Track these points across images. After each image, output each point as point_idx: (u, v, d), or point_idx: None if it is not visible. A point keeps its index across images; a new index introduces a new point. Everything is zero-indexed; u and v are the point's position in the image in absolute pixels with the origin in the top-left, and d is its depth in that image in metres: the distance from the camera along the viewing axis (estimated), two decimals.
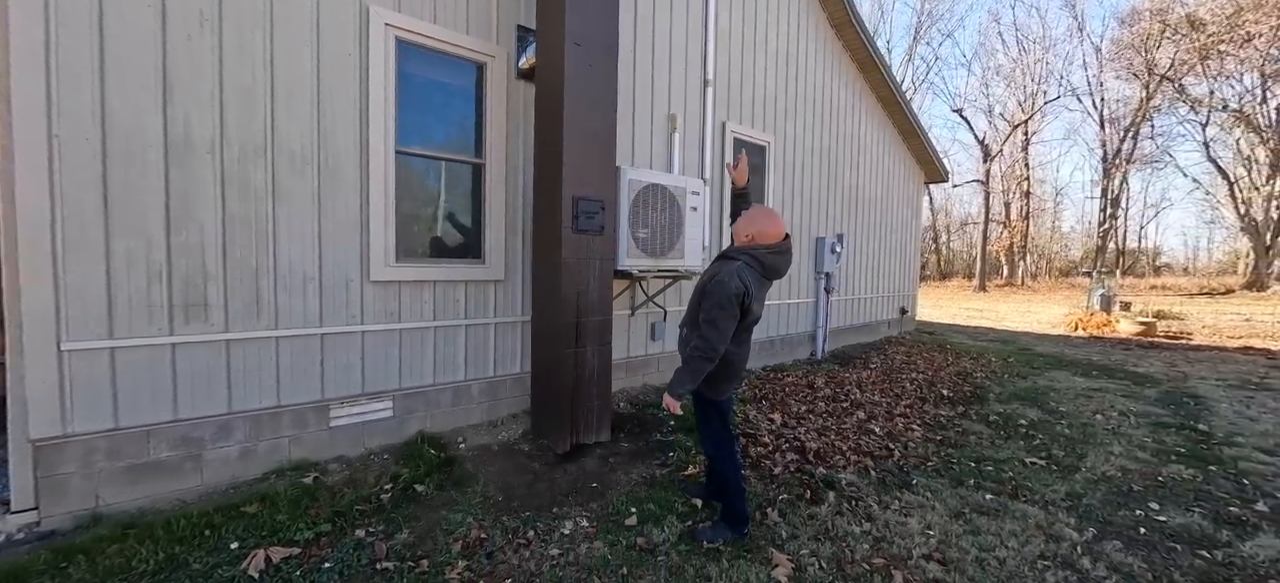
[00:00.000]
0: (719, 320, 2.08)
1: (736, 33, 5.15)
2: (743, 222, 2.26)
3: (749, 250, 2.18)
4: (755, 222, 2.22)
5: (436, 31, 3.19)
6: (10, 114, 2.12)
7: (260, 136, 2.64)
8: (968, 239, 35.54)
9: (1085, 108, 28.12)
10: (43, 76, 2.16)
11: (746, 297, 2.09)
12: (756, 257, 2.16)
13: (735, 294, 2.07)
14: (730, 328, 2.11)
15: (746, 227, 2.23)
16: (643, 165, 4.27)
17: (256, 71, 2.62)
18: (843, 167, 6.84)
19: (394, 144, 3.04)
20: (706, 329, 2.10)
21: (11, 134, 2.13)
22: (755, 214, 2.25)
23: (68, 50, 2.20)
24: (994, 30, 30.27)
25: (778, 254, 2.20)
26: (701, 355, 2.11)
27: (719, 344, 2.09)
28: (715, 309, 2.09)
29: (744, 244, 2.22)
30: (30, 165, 2.15)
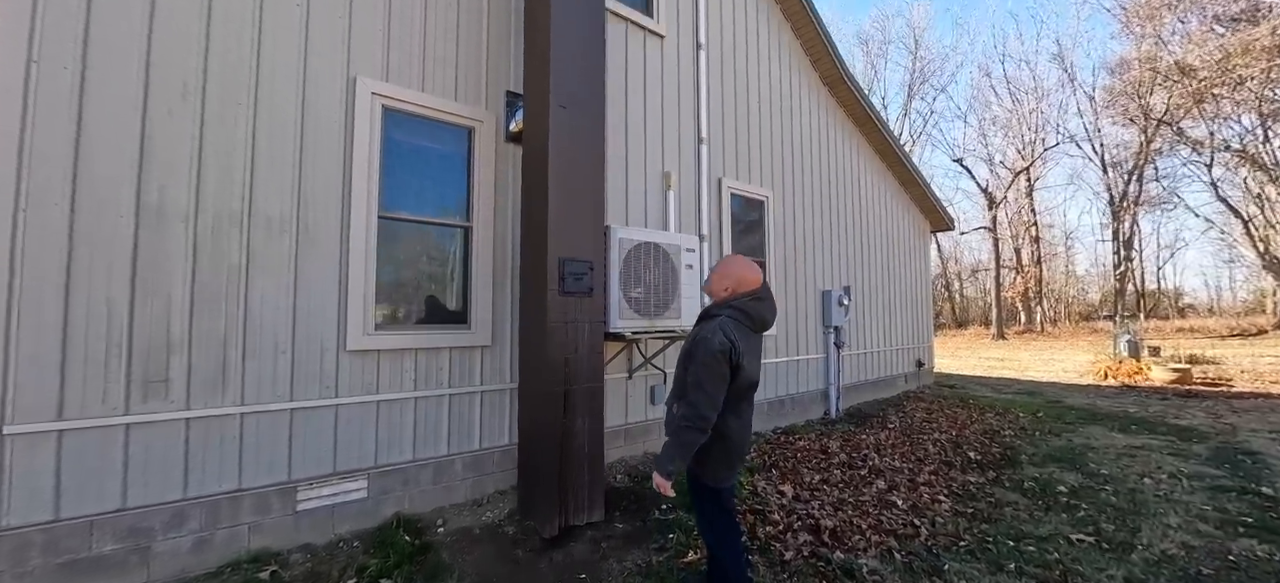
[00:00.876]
0: (706, 382, 1.84)
1: (728, 91, 5.22)
2: (716, 276, 2.08)
3: (731, 302, 1.99)
4: (730, 271, 2.05)
5: (425, 99, 3.20)
6: None
7: (237, 203, 2.59)
8: (980, 285, 35.05)
9: (1085, 153, 28.35)
10: (16, 144, 2.13)
11: (735, 352, 1.86)
12: (740, 307, 1.96)
13: (721, 351, 1.84)
14: (721, 391, 1.86)
15: (721, 280, 2.05)
16: (638, 223, 4.19)
17: (237, 141, 2.60)
18: (845, 218, 6.75)
19: (377, 209, 2.98)
20: (694, 393, 1.86)
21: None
22: (729, 264, 2.08)
23: (45, 121, 2.19)
24: (986, 84, 31.07)
25: (761, 301, 2.01)
26: (690, 425, 1.85)
27: (708, 410, 1.84)
28: (701, 370, 1.85)
29: (724, 297, 2.03)
30: None
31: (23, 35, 2.18)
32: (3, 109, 2.13)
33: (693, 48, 4.85)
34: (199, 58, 2.53)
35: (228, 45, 2.60)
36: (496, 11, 3.59)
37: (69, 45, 2.25)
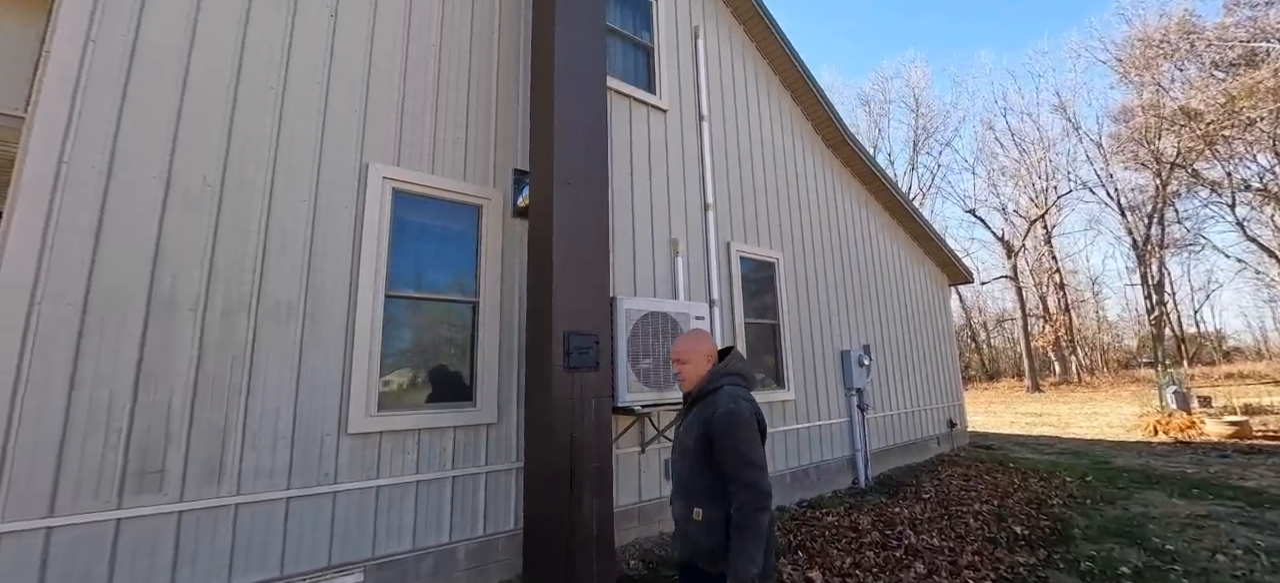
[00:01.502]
0: (754, 454, 1.66)
1: (732, 158, 5.33)
2: (694, 354, 1.91)
3: (725, 371, 1.86)
4: (701, 340, 1.95)
5: (435, 180, 3.31)
6: None
7: (247, 290, 2.62)
8: (1008, 335, 33.91)
9: (1100, 198, 28.12)
10: (39, 238, 2.21)
11: (760, 416, 1.76)
12: (737, 372, 1.86)
13: (753, 415, 1.72)
14: (764, 456, 1.72)
15: (700, 353, 1.91)
16: (646, 292, 4.16)
17: (251, 229, 2.68)
18: (859, 276, 6.66)
19: (384, 288, 3.00)
20: (748, 472, 1.62)
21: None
22: (698, 337, 1.97)
23: (69, 216, 2.28)
24: (990, 136, 31.51)
25: (742, 359, 1.95)
26: (759, 507, 1.59)
27: (765, 481, 1.64)
28: (746, 446, 1.65)
29: (713, 369, 1.89)
30: (7, 322, 2.11)
31: (58, 135, 2.31)
32: (31, 205, 2.23)
33: (696, 119, 5.01)
34: (221, 150, 2.66)
35: (249, 137, 2.74)
36: (505, 94, 3.77)
37: (100, 144, 2.38)
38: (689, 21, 5.29)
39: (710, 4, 5.62)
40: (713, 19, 5.59)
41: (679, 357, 1.93)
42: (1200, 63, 21.01)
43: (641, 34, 4.82)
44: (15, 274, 2.15)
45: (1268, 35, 17.96)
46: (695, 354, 1.90)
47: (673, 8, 5.16)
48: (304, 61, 2.97)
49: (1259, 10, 18.64)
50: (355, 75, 3.14)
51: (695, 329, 2.05)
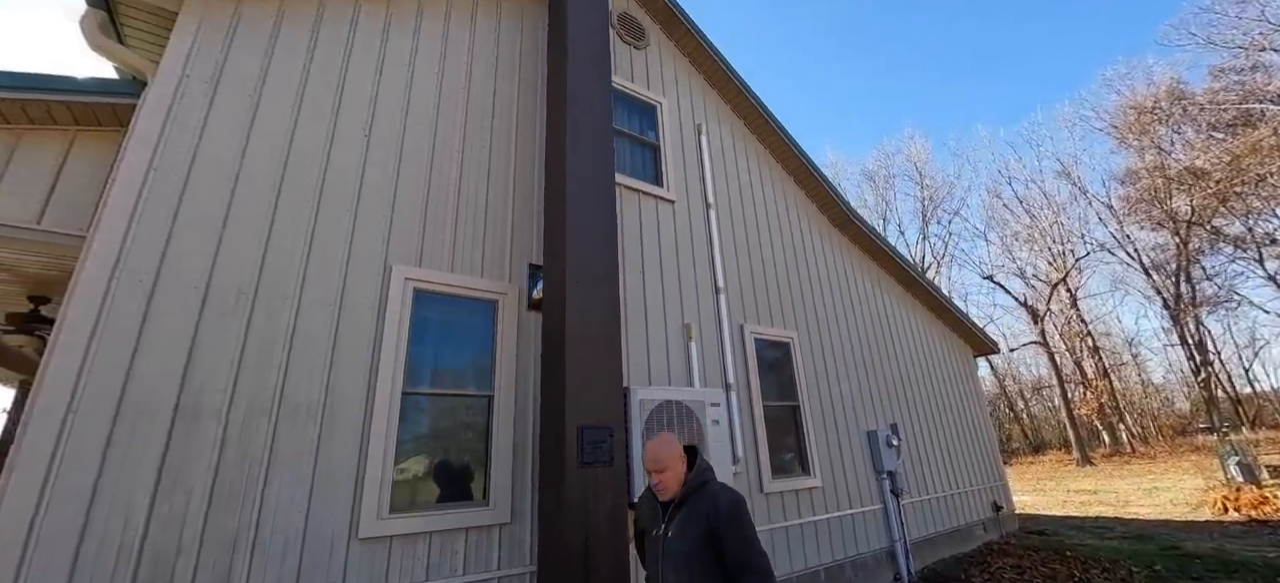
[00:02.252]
0: (758, 541, 1.78)
1: (741, 243, 5.48)
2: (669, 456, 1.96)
3: (705, 467, 1.99)
4: (673, 444, 2.01)
5: (453, 279, 3.46)
6: (39, 392, 2.24)
7: (269, 394, 2.69)
8: (1047, 402, 32.16)
9: (1121, 259, 27.72)
10: (83, 350, 2.33)
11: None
12: (710, 466, 2.03)
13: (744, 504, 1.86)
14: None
15: (674, 453, 1.97)
16: (660, 379, 4.14)
17: (278, 335, 2.80)
18: (878, 353, 6.54)
19: (402, 387, 3.05)
20: (760, 559, 1.72)
21: (33, 410, 2.22)
22: (666, 442, 2.01)
23: (112, 329, 2.41)
24: (998, 203, 31.89)
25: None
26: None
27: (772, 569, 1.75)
28: (752, 531, 1.79)
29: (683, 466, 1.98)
30: (39, 441, 2.18)
31: (114, 250, 2.51)
32: (82, 313, 2.38)
33: (703, 208, 5.24)
34: (257, 261, 2.85)
35: (283, 248, 2.93)
36: (521, 192, 4.02)
37: (150, 258, 2.58)
38: (692, 120, 5.68)
39: (711, 103, 6.06)
40: (714, 116, 6.00)
41: (657, 465, 1.94)
42: (1196, 125, 21.46)
43: (648, 134, 5.18)
44: (55, 388, 2.26)
45: (1259, 97, 18.42)
46: (672, 459, 1.94)
47: (676, 109, 5.57)
48: (338, 176, 3.25)
49: (1244, 75, 19.27)
50: (385, 184, 3.41)
51: (663, 436, 2.05)
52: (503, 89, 4.29)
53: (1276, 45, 17.79)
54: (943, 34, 49.70)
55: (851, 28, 53.60)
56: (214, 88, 3.02)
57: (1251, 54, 18.67)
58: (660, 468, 1.92)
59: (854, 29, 53.57)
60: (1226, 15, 19.38)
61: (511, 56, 4.49)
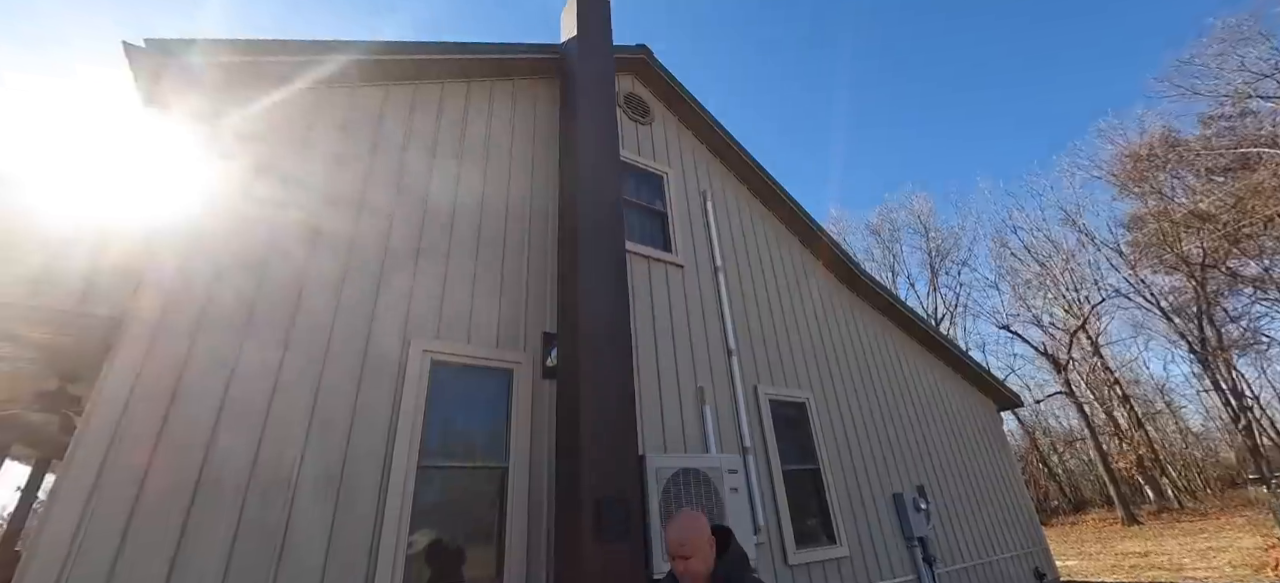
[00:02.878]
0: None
1: (751, 304, 5.53)
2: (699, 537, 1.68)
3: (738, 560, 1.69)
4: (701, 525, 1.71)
5: (470, 349, 3.52)
6: (68, 469, 2.27)
7: (289, 469, 2.70)
8: (1082, 457, 30.57)
9: (1139, 304, 27.24)
10: (110, 433, 2.38)
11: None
12: (748, 562, 1.74)
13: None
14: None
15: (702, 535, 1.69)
16: (676, 444, 4.07)
17: (302, 410, 2.84)
18: (897, 411, 6.38)
19: (417, 459, 3.04)
20: None
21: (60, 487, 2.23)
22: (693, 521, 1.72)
23: (142, 403, 2.47)
24: (1006, 252, 31.89)
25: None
26: None
27: None
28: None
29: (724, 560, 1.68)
30: (64, 513, 2.18)
31: (145, 337, 2.62)
32: (114, 389, 2.45)
33: (711, 271, 5.34)
34: (283, 340, 2.94)
35: (308, 327, 3.04)
36: (535, 266, 4.15)
37: (183, 337, 2.68)
38: (697, 187, 5.92)
39: (715, 171, 6.33)
40: (718, 183, 6.24)
41: (682, 549, 1.65)
42: (1194, 170, 21.73)
43: (655, 203, 5.39)
44: (83, 464, 2.29)
45: (1253, 142, 18.75)
46: (700, 542, 1.66)
47: (682, 177, 5.82)
48: (363, 256, 3.41)
49: (1234, 122, 19.73)
50: (406, 262, 3.56)
51: (688, 515, 1.73)
52: (518, 165, 4.55)
53: (1261, 92, 18.32)
54: (934, 98, 51.92)
55: (843, 91, 56.22)
56: (254, 176, 3.25)
57: (1238, 102, 19.20)
58: (685, 554, 1.64)
59: (847, 92, 56.20)
60: (1207, 66, 20.12)
61: (526, 135, 4.78)
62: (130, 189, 3.29)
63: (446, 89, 4.51)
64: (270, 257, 3.11)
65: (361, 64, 3.95)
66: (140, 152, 3.43)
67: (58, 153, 3.39)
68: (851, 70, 54.31)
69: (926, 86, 50.33)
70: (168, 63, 3.20)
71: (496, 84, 4.88)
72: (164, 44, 3.19)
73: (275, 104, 3.57)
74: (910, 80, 51.19)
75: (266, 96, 3.55)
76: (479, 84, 4.75)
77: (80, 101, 53.25)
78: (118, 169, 3.28)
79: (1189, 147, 21.90)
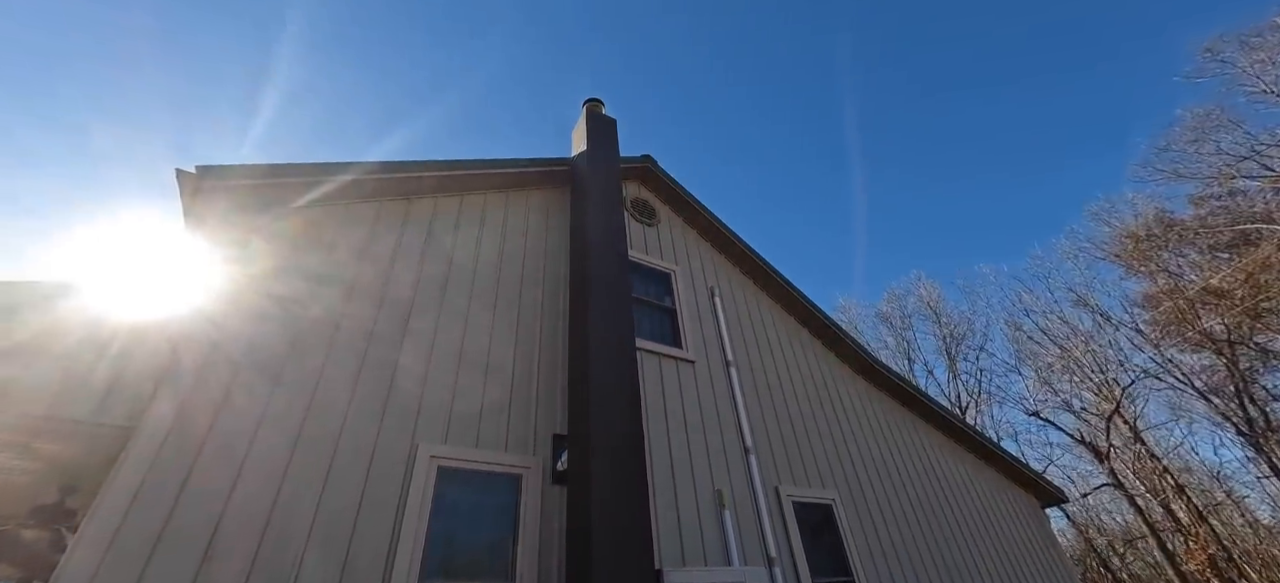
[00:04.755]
0: None
1: (765, 399, 5.40)
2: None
3: None
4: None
5: (478, 454, 3.42)
6: None
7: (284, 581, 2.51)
8: (1147, 558, 27.54)
9: (1170, 384, 26.05)
10: (101, 555, 2.25)
11: None
12: None
13: None
14: None
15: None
16: (694, 556, 3.76)
17: (303, 519, 2.72)
18: (932, 511, 5.93)
19: (418, 575, 2.83)
20: None
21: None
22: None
23: (136, 524, 2.36)
24: (1022, 336, 31.27)
25: None
26: None
27: None
28: None
29: None
30: None
31: (153, 450, 2.57)
32: (112, 508, 2.35)
33: (723, 366, 5.28)
34: (290, 447, 2.88)
35: (314, 438, 2.99)
36: (545, 368, 4.14)
37: (182, 462, 2.63)
38: (705, 283, 6.04)
39: (721, 268, 6.50)
40: (725, 278, 6.38)
41: None
42: (1197, 247, 21.88)
43: (664, 300, 5.49)
44: None
45: (1249, 219, 19.06)
46: None
47: (689, 275, 5.97)
48: (375, 362, 3.44)
49: (1224, 201, 20.22)
50: (417, 367, 3.57)
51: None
52: (530, 270, 4.72)
53: (1244, 172, 18.96)
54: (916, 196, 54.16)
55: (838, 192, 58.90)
56: (270, 286, 3.39)
57: (1224, 183, 19.82)
58: None
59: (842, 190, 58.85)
60: (1186, 152, 21.05)
61: (539, 240, 5.01)
62: (158, 300, 3.43)
63: (465, 200, 4.82)
64: (289, 357, 3.15)
65: (383, 181, 4.26)
66: (173, 265, 3.63)
67: (94, 267, 3.59)
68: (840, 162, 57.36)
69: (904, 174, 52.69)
70: (206, 184, 3.48)
71: (512, 194, 5.21)
72: (208, 169, 3.48)
73: (298, 221, 3.82)
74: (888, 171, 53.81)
75: (291, 215, 3.81)
76: (495, 194, 5.08)
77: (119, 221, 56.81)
78: (149, 281, 3.46)
79: (1186, 226, 22.25)
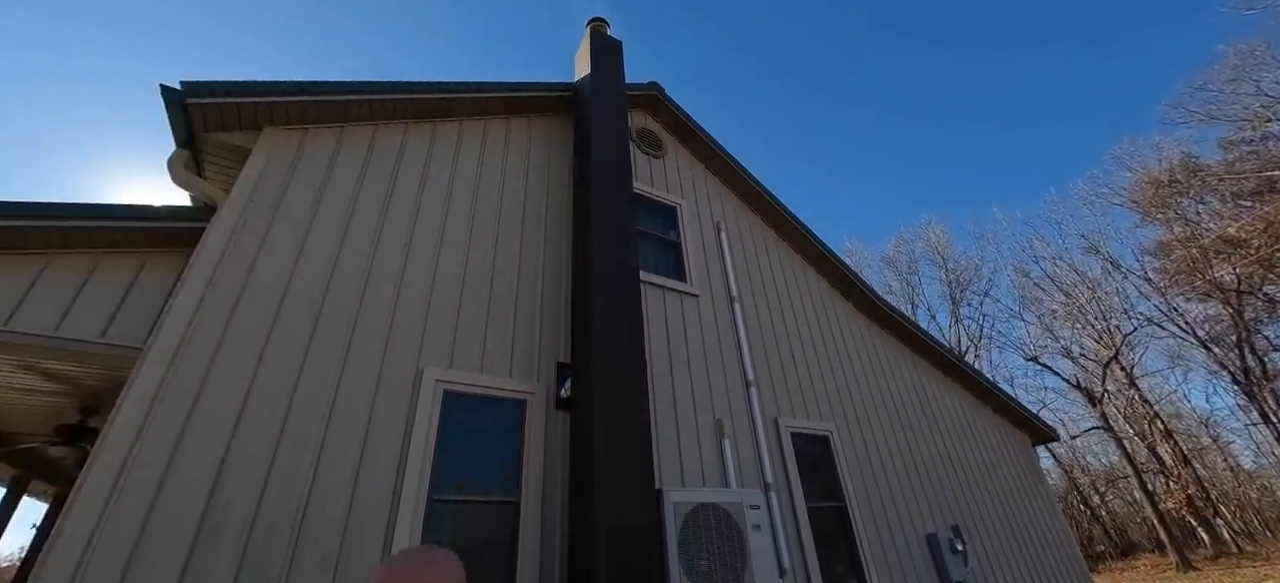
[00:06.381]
0: None
1: (768, 334, 5.41)
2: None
3: None
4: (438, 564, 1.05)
5: (483, 379, 3.46)
6: (71, 509, 2.22)
7: (294, 507, 2.61)
8: (1126, 496, 28.79)
9: (1173, 333, 26.12)
10: (117, 472, 2.34)
11: None
12: None
13: None
14: None
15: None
16: (695, 480, 3.90)
17: (310, 447, 2.78)
18: (927, 446, 6.09)
19: (427, 493, 2.94)
20: None
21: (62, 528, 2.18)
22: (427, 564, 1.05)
23: (154, 436, 2.44)
24: (1028, 283, 31.09)
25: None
26: None
27: None
28: None
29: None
30: (64, 557, 2.12)
31: (163, 365, 2.61)
32: (126, 425, 2.42)
33: (727, 301, 5.26)
34: (294, 374, 2.92)
35: (321, 359, 3.01)
36: (549, 296, 4.12)
37: (195, 373, 2.67)
38: (711, 218, 5.92)
39: (728, 202, 6.34)
40: (732, 213, 6.24)
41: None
42: (1219, 195, 21.23)
43: (669, 233, 5.39)
44: (86, 507, 2.25)
45: (1277, 164, 18.33)
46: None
47: (695, 208, 5.83)
48: (377, 290, 3.42)
49: (1256, 145, 19.37)
50: (420, 293, 3.56)
51: (420, 557, 1.07)
52: (532, 198, 4.60)
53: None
54: (941, 140, 52.17)
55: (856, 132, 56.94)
56: (273, 214, 3.32)
57: (1258, 126, 18.91)
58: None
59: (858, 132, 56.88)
60: (1222, 92, 19.96)
61: (541, 170, 4.86)
62: (166, 224, 3.38)
63: (464, 127, 4.63)
64: (288, 292, 3.13)
65: (379, 103, 4.07)
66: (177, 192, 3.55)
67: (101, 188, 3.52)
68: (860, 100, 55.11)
69: (924, 129, 50.71)
70: (202, 103, 3.33)
71: (512, 121, 5.00)
72: (197, 85, 3.32)
73: (300, 140, 3.68)
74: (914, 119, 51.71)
75: (291, 134, 3.67)
76: (496, 121, 4.88)
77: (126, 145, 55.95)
78: (158, 202, 3.39)
79: (1211, 172, 21.50)
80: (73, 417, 4.38)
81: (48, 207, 3.15)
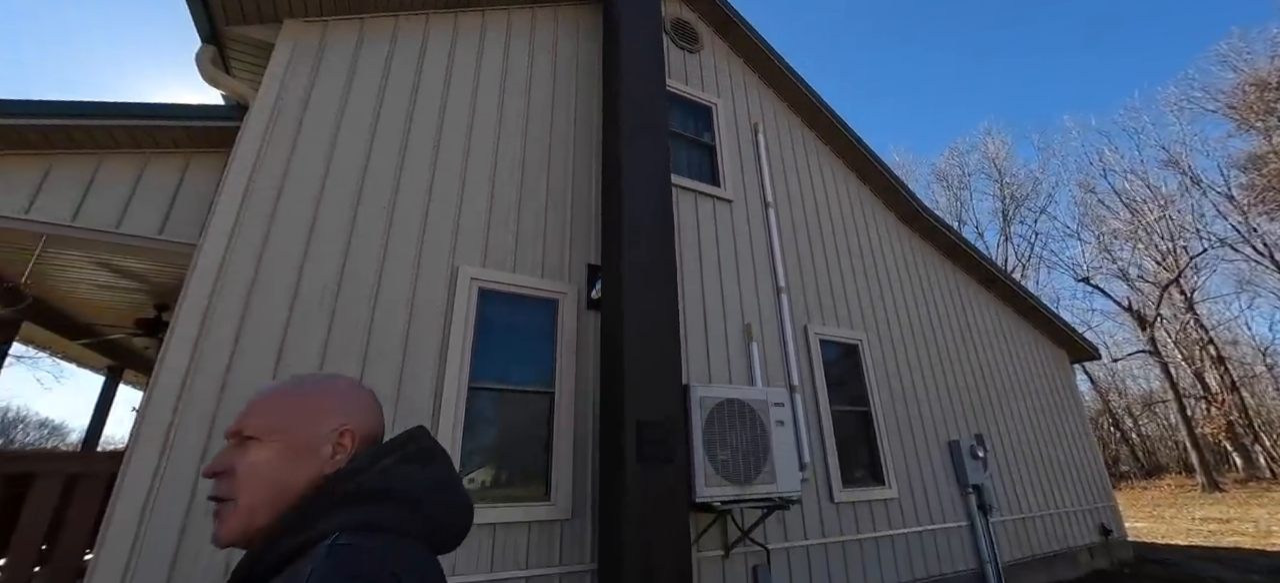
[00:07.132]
0: None
1: (803, 241, 5.26)
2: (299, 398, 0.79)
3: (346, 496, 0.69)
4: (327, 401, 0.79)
5: (516, 278, 3.55)
6: (154, 389, 2.49)
7: None
8: (1162, 420, 28.35)
9: (1247, 256, 24.05)
10: (189, 354, 2.58)
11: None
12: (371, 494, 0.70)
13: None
14: None
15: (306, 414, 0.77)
16: (722, 379, 4.02)
17: (356, 337, 2.97)
18: (959, 359, 6.02)
19: (467, 382, 3.15)
20: None
21: (148, 406, 2.47)
22: (323, 385, 0.82)
23: (216, 324, 2.66)
24: (1092, 199, 28.74)
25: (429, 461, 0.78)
26: None
27: None
28: None
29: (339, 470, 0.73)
30: (152, 433, 2.42)
31: (217, 258, 2.77)
32: (190, 314, 2.64)
33: (762, 207, 5.09)
34: (339, 266, 3.06)
35: (362, 253, 3.13)
36: (579, 197, 4.08)
37: (247, 262, 2.83)
38: (748, 119, 5.57)
39: (767, 102, 5.92)
40: (771, 115, 5.85)
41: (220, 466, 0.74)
42: None
43: (703, 135, 5.13)
44: (166, 386, 2.51)
45: None
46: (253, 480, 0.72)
47: (732, 109, 5.49)
48: (410, 184, 3.44)
49: None
50: (451, 189, 3.57)
51: (276, 388, 0.81)
52: (561, 94, 4.41)
53: None
54: (1008, 29, 46.12)
55: (915, 23, 51.10)
56: (303, 110, 3.30)
57: None
58: (221, 469, 0.74)
59: (918, 24, 51.05)
60: None
61: (569, 64, 4.61)
62: (206, 123, 3.43)
63: (487, 17, 4.37)
64: (326, 186, 3.19)
65: None
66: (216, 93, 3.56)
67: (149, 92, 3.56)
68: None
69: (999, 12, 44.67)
70: None
71: (538, 11, 4.68)
72: None
73: (321, 33, 3.57)
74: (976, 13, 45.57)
75: (311, 26, 3.55)
76: (520, 12, 4.57)
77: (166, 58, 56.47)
78: (203, 102, 3.41)
79: None
80: (149, 312, 4.80)
81: (98, 105, 3.22)
